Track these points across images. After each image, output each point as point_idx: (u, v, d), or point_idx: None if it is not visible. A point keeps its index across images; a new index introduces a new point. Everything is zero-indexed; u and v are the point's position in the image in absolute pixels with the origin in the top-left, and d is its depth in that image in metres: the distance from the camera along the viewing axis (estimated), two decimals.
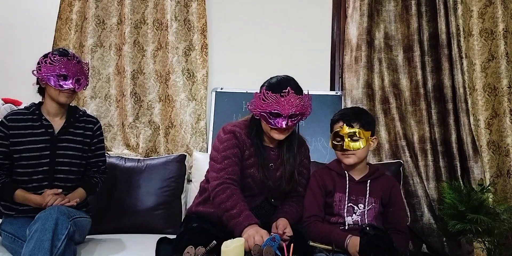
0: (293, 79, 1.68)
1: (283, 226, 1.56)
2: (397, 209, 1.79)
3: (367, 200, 1.74)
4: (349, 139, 1.70)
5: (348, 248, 1.58)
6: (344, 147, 1.71)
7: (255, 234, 1.40)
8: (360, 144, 1.70)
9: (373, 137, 1.78)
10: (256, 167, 1.69)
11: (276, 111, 1.60)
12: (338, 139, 1.73)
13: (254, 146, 1.70)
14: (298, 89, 1.64)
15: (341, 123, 1.73)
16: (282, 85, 1.62)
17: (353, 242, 1.57)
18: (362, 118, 1.75)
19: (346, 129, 1.70)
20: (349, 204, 1.74)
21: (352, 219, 1.72)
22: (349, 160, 1.73)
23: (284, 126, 1.61)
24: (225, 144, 1.66)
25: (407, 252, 1.81)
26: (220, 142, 1.69)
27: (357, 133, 1.70)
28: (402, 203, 1.88)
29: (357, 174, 1.79)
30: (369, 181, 1.77)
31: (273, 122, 1.62)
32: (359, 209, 1.73)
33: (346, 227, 1.71)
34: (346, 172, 1.79)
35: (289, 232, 1.54)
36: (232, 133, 1.68)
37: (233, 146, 1.66)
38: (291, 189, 1.78)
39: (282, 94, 1.59)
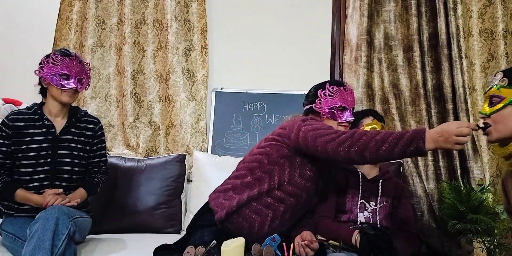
0: None
1: (310, 236, 1.54)
2: (406, 210, 1.82)
3: (379, 198, 1.76)
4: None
5: (356, 244, 1.59)
6: None
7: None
8: None
9: None
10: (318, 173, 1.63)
11: (343, 105, 1.67)
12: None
13: None
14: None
15: (371, 118, 1.83)
16: (340, 81, 1.77)
17: None
18: (383, 119, 1.89)
19: (378, 123, 1.81)
20: (361, 201, 1.76)
21: (364, 216, 1.74)
22: None
23: (350, 119, 1.67)
24: (321, 124, 1.55)
25: (415, 252, 1.81)
26: (313, 120, 1.58)
27: (383, 128, 1.82)
28: (410, 205, 1.90)
29: (369, 174, 1.82)
30: (381, 180, 1.80)
31: (342, 116, 1.68)
32: (371, 207, 1.75)
33: (358, 224, 1.72)
34: (358, 170, 1.81)
35: (315, 245, 1.51)
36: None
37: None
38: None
39: (345, 87, 1.70)
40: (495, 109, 1.29)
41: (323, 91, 1.71)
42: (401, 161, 2.44)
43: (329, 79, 1.79)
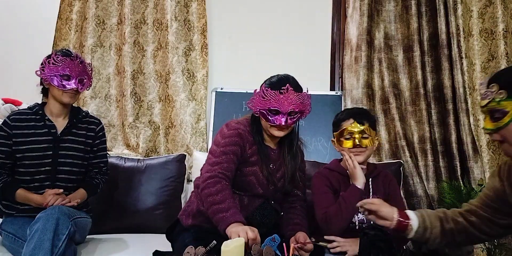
0: (292, 77, 1.68)
1: (304, 238, 1.57)
2: (395, 201, 1.77)
3: (370, 198, 1.74)
4: (360, 135, 1.72)
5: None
6: (356, 144, 1.71)
7: (247, 229, 1.36)
8: (370, 141, 1.73)
9: (376, 137, 1.81)
10: (259, 165, 1.67)
11: (275, 108, 1.60)
12: (348, 136, 1.74)
13: (257, 144, 1.69)
14: (297, 87, 1.65)
15: (351, 120, 1.74)
16: (281, 82, 1.63)
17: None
18: (370, 117, 1.79)
19: (358, 126, 1.72)
20: None
21: (358, 218, 1.72)
22: (359, 158, 1.73)
23: (283, 123, 1.60)
24: (227, 140, 1.63)
25: (407, 246, 1.81)
26: (222, 137, 1.65)
27: (367, 131, 1.72)
28: (400, 196, 1.87)
29: None
30: (370, 179, 1.77)
31: (272, 119, 1.61)
32: None
33: (357, 227, 1.71)
34: (347, 171, 1.78)
35: (309, 247, 1.54)
36: (236, 130, 1.66)
37: (234, 144, 1.63)
38: (290, 192, 1.79)
39: (281, 91, 1.60)
40: (503, 124, 1.17)
41: (258, 92, 1.65)
42: (401, 161, 2.44)
43: (273, 77, 1.69)
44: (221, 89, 2.75)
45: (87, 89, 1.96)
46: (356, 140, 1.71)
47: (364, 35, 2.62)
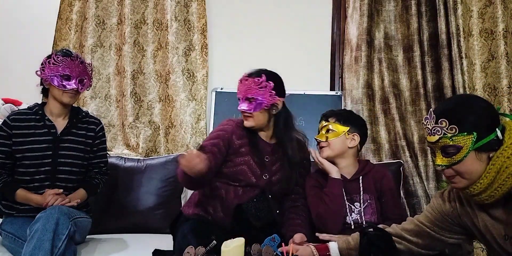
0: (265, 69, 1.78)
1: (301, 239, 1.57)
2: (389, 198, 1.77)
3: (361, 197, 1.74)
4: (324, 132, 1.78)
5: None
6: (315, 137, 1.81)
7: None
8: (331, 135, 1.77)
9: (353, 133, 1.78)
10: (250, 155, 1.73)
11: (239, 96, 1.75)
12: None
13: (247, 136, 1.76)
14: (257, 74, 1.74)
15: (322, 122, 1.83)
16: (247, 74, 1.76)
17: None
18: (340, 114, 1.83)
19: (322, 123, 1.80)
20: (347, 204, 1.74)
21: (352, 218, 1.72)
22: (323, 153, 1.77)
23: (241, 108, 1.72)
24: (212, 135, 1.75)
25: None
26: (210, 134, 1.79)
27: (329, 126, 1.77)
28: (394, 192, 1.86)
29: (348, 173, 1.79)
30: (361, 177, 1.77)
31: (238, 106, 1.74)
32: (356, 208, 1.73)
33: (352, 227, 1.70)
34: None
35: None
36: (223, 126, 1.78)
37: (217, 137, 1.72)
38: (291, 189, 1.80)
39: (241, 79, 1.75)
40: (457, 160, 1.17)
41: None
42: (401, 161, 2.44)
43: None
44: (221, 89, 2.75)
45: (87, 89, 1.96)
46: (319, 135, 1.80)
47: (364, 35, 2.61)
